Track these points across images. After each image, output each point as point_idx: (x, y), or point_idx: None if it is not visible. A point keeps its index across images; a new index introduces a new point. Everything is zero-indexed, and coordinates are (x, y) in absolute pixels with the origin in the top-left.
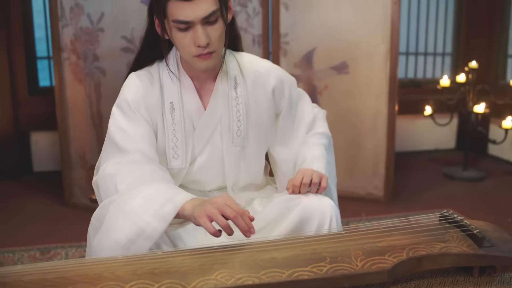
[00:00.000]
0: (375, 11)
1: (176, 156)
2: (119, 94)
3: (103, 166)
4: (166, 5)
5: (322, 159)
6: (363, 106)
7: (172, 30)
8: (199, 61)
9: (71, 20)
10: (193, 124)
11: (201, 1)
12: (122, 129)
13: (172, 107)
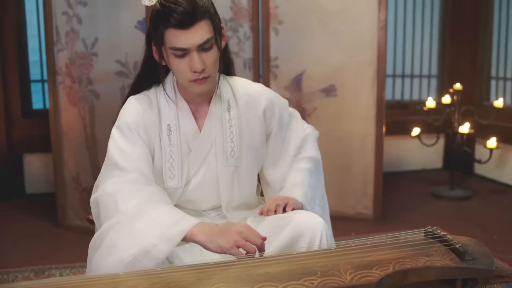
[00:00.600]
0: (362, 36)
1: (172, 176)
2: (119, 116)
3: (103, 185)
4: (164, 33)
5: (302, 186)
6: (351, 128)
7: (169, 56)
8: (195, 86)
9: (67, 44)
10: (189, 146)
11: (197, 29)
12: (122, 149)
13: (169, 129)
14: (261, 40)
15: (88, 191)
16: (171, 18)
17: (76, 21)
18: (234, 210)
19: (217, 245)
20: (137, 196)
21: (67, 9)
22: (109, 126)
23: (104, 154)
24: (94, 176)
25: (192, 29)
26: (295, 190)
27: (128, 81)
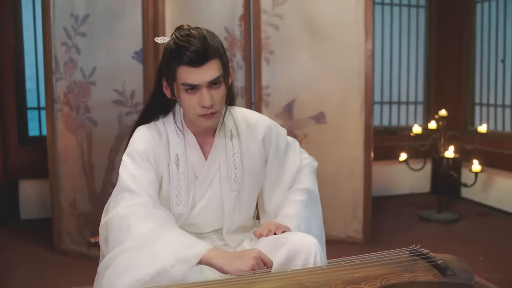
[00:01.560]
0: (350, 65)
1: (178, 203)
2: (129, 144)
3: (116, 208)
4: (176, 70)
5: (296, 218)
6: (341, 153)
7: (180, 91)
8: (203, 120)
9: (65, 73)
10: (195, 173)
11: (208, 67)
12: (133, 175)
13: (177, 159)
14: (253, 69)
15: (84, 216)
16: (184, 56)
17: (75, 51)
18: (233, 233)
19: (236, 268)
20: (151, 220)
21: (66, 39)
22: (106, 153)
23: (101, 180)
24: (91, 201)
25: (204, 67)
26: (288, 221)
27: (125, 109)
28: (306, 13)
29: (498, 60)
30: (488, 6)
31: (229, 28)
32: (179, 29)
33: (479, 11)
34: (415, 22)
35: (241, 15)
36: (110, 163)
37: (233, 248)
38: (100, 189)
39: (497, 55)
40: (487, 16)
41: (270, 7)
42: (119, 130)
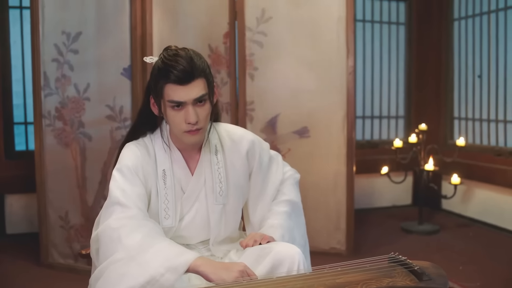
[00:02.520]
0: (332, 81)
1: (167, 217)
2: (119, 160)
3: (107, 221)
4: (163, 88)
5: (280, 228)
6: (324, 167)
7: (167, 108)
8: (188, 136)
9: (57, 89)
10: (182, 188)
11: (193, 86)
12: (123, 189)
13: (164, 174)
14: (238, 85)
15: (76, 229)
16: (172, 75)
17: (68, 67)
18: (219, 244)
19: (220, 278)
20: (141, 231)
21: (57, 56)
22: (99, 166)
23: (93, 193)
24: (83, 214)
25: (190, 85)
26: (273, 232)
27: (115, 124)
28: (289, 30)
29: (475, 76)
30: (465, 24)
31: (212, 46)
32: (167, 49)
33: (457, 28)
34: (395, 38)
35: (226, 32)
36: (103, 177)
37: (220, 259)
38: (92, 202)
39: (474, 71)
40: (464, 33)
41: (254, 24)
42: (110, 144)
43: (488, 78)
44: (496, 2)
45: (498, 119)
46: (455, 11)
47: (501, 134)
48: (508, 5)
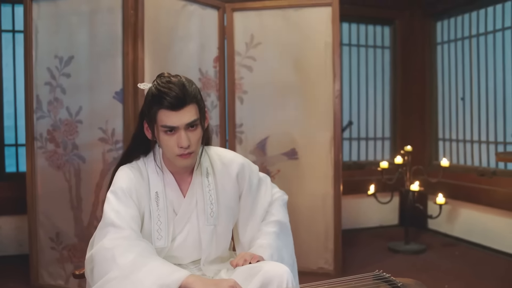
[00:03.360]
0: (320, 104)
1: (159, 237)
2: (113, 182)
3: (101, 241)
4: (157, 113)
5: (269, 248)
6: (312, 188)
7: (160, 133)
8: (181, 160)
9: (50, 112)
10: (174, 209)
11: (185, 111)
12: (117, 211)
13: (157, 196)
14: (227, 108)
15: (69, 249)
16: (165, 101)
17: (60, 91)
18: (210, 264)
19: None
20: (134, 250)
21: (50, 80)
22: (93, 188)
23: (88, 213)
24: (76, 234)
25: (182, 111)
26: (262, 251)
27: (107, 147)
28: (277, 55)
29: (458, 98)
30: (448, 48)
31: (202, 70)
32: (161, 76)
33: (440, 52)
34: (381, 62)
35: (216, 57)
36: (96, 198)
37: (211, 277)
38: (87, 222)
39: (457, 94)
40: (447, 57)
41: (243, 49)
42: (102, 166)
43: (471, 100)
44: (477, 28)
45: (481, 140)
46: (438, 35)
47: (484, 154)
48: (488, 30)
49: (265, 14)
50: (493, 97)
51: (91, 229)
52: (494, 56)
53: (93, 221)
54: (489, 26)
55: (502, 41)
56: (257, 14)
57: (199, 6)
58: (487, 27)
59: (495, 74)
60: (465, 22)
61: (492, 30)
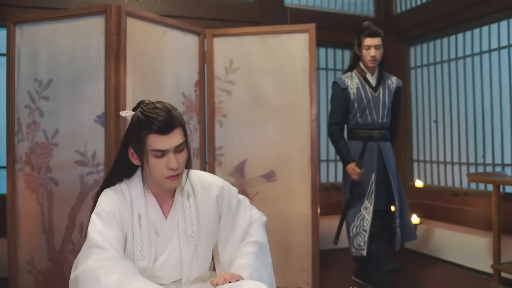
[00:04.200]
0: (297, 127)
1: (142, 258)
2: (97, 205)
3: (86, 262)
4: (146, 138)
5: (249, 267)
6: (290, 209)
7: (150, 157)
8: (169, 182)
9: (28, 135)
10: (156, 231)
11: (174, 135)
12: (101, 232)
13: (140, 218)
14: (207, 131)
15: (43, 274)
16: (154, 126)
17: (38, 114)
18: (191, 284)
19: None
20: (118, 271)
21: (29, 103)
22: (67, 211)
23: (61, 237)
24: (49, 259)
25: (170, 134)
26: (242, 271)
27: (86, 169)
28: (256, 80)
29: (431, 121)
30: (421, 72)
31: (186, 93)
32: (143, 103)
33: (413, 76)
34: None
35: (196, 81)
36: (70, 221)
37: None
38: (60, 247)
39: (430, 116)
40: (420, 81)
41: (223, 74)
42: (80, 189)
43: (443, 123)
44: (448, 53)
45: (454, 161)
46: (411, 60)
47: (457, 175)
48: (458, 56)
49: (244, 40)
50: (465, 119)
51: (65, 253)
52: (464, 80)
53: (68, 245)
54: (459, 52)
55: (472, 66)
56: (237, 39)
57: (180, 32)
58: (458, 52)
59: (465, 97)
60: (437, 48)
61: (462, 55)
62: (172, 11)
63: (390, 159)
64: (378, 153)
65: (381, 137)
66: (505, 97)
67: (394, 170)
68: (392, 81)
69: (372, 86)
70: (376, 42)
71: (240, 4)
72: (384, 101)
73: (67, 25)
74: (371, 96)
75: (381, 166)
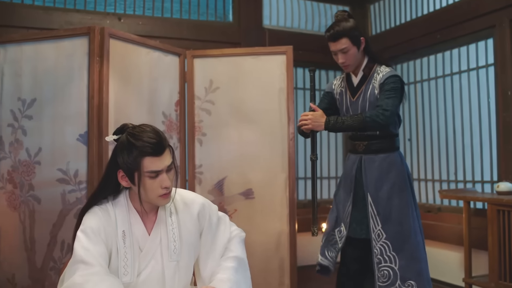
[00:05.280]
0: (275, 146)
1: (126, 273)
2: (83, 222)
3: (72, 277)
4: (141, 161)
5: (227, 282)
6: (268, 226)
7: (145, 179)
8: (162, 199)
9: (10, 153)
10: (139, 247)
11: (165, 155)
12: (86, 248)
13: (124, 234)
14: (187, 149)
15: None
16: (148, 148)
17: (21, 132)
18: None
19: None
20: (103, 285)
21: (12, 121)
22: (48, 229)
23: (42, 255)
24: (30, 276)
25: (163, 155)
26: (222, 285)
27: (68, 187)
28: (235, 100)
29: (406, 139)
30: None
31: (166, 113)
32: (128, 127)
33: None
34: None
35: (177, 100)
36: (52, 238)
37: None
38: (41, 264)
39: (404, 135)
40: None
41: (203, 94)
42: (62, 206)
43: (417, 141)
44: (421, 74)
45: (427, 178)
46: None
47: (430, 192)
48: (430, 77)
49: (223, 61)
50: (437, 138)
51: (46, 270)
52: (436, 100)
53: (49, 262)
54: (431, 73)
55: (443, 86)
56: (216, 60)
57: (161, 53)
58: (430, 73)
59: (438, 117)
60: (410, 69)
61: (434, 76)
62: (153, 32)
63: (375, 176)
64: (357, 168)
65: (365, 149)
66: (475, 117)
67: (376, 191)
68: (378, 79)
69: (352, 89)
70: (339, 46)
71: (220, 25)
72: (363, 107)
73: (51, 45)
74: (349, 102)
75: (359, 184)
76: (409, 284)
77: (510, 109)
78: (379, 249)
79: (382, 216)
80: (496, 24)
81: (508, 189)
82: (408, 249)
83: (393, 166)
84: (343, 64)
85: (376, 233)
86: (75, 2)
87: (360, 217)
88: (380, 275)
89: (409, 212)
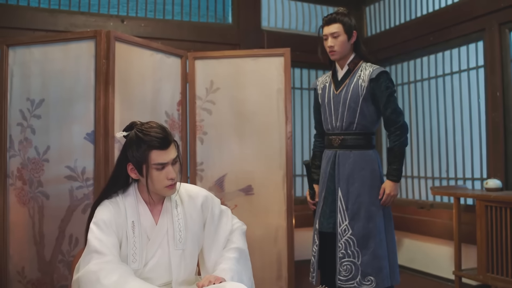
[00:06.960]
0: (273, 144)
1: (134, 261)
2: (95, 215)
3: (87, 266)
4: (149, 154)
5: (230, 271)
6: (266, 221)
7: (152, 171)
8: (168, 190)
9: (20, 151)
10: (147, 236)
11: (171, 149)
12: (100, 239)
13: (133, 225)
14: (189, 147)
15: (33, 283)
16: (155, 142)
17: (30, 131)
18: (180, 285)
19: None
20: (116, 273)
21: (22, 120)
22: (57, 223)
23: (51, 248)
24: (39, 269)
25: (169, 149)
26: (224, 274)
27: (76, 184)
28: (235, 100)
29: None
30: None
31: (169, 112)
32: (137, 124)
33: None
34: None
35: (179, 101)
36: (60, 233)
37: None
38: (50, 258)
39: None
40: None
41: (204, 94)
42: (70, 202)
43: (410, 140)
44: (414, 75)
45: (420, 175)
46: None
47: (423, 189)
48: (423, 77)
49: (224, 62)
50: (430, 136)
51: (54, 263)
52: (429, 100)
53: (57, 255)
54: (424, 73)
55: (436, 87)
56: (217, 62)
57: (164, 54)
58: (423, 74)
59: (430, 116)
60: (404, 70)
61: (427, 77)
62: (155, 33)
63: (348, 172)
64: (331, 163)
65: (341, 144)
66: (465, 116)
67: (347, 186)
68: (366, 73)
69: (337, 83)
70: (332, 29)
71: (220, 27)
72: (345, 99)
73: (59, 48)
74: (332, 95)
75: (332, 179)
76: (368, 279)
77: (499, 109)
78: (343, 243)
79: (350, 212)
80: (486, 28)
81: (496, 186)
82: (372, 246)
83: (367, 164)
84: (331, 49)
85: (342, 228)
86: (80, 4)
87: (328, 211)
88: (342, 269)
89: (377, 210)
